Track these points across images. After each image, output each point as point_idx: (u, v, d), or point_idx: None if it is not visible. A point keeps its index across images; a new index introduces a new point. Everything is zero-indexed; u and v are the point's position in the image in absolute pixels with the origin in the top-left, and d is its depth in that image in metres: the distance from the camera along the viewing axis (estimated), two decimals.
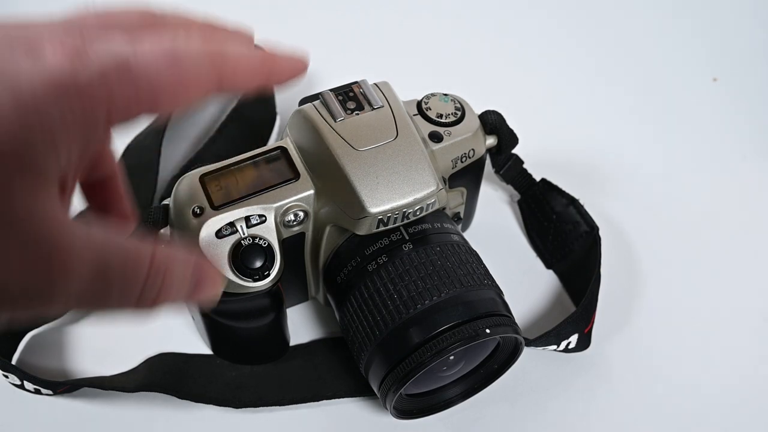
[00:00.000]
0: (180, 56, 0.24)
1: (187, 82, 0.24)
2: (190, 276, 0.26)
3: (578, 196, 0.51)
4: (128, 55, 0.23)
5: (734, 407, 0.45)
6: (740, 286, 0.51)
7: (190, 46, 0.25)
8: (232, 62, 0.26)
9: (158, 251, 0.24)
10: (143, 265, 0.24)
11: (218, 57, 0.26)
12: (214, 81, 0.25)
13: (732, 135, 0.60)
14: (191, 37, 0.25)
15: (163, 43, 0.24)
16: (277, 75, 0.29)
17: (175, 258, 0.25)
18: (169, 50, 0.24)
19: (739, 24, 0.70)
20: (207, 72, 0.25)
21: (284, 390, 0.44)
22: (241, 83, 0.27)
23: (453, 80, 0.53)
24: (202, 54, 0.25)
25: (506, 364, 0.42)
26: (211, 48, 0.25)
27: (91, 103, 0.22)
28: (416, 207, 0.39)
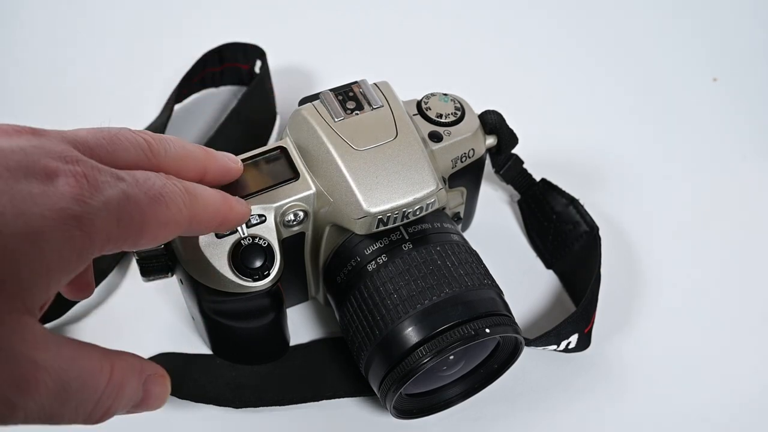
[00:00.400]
0: (167, 198, 0.27)
1: (166, 221, 0.27)
2: (141, 389, 0.28)
3: (578, 196, 0.51)
4: (130, 192, 0.25)
5: (734, 407, 0.45)
6: (740, 285, 0.51)
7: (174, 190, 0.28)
8: (202, 201, 0.30)
9: (116, 367, 0.26)
10: (101, 381, 0.25)
11: (193, 195, 0.29)
12: (187, 221, 0.29)
13: (732, 135, 0.60)
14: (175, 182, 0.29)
15: (156, 184, 0.27)
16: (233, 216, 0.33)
17: (131, 374, 0.27)
18: (158, 191, 0.27)
19: (739, 24, 0.70)
20: (184, 212, 0.28)
21: (284, 390, 0.44)
22: (203, 228, 0.32)
23: (453, 80, 0.53)
24: (182, 198, 0.28)
25: (506, 363, 0.42)
26: (188, 191, 0.29)
27: (92, 235, 0.24)
28: (416, 207, 0.39)
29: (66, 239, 0.23)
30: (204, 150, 0.34)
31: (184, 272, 0.39)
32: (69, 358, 0.24)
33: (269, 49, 0.59)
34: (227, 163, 0.35)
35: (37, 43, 0.65)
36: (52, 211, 0.22)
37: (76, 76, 0.63)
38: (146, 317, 0.47)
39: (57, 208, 0.22)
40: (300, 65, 0.64)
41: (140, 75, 0.63)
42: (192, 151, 0.33)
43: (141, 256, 0.39)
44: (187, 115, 0.59)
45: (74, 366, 0.24)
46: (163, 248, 0.39)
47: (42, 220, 0.22)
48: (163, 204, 0.27)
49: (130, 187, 0.25)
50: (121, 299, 0.49)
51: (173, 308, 0.48)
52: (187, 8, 0.69)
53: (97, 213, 0.24)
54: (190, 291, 0.40)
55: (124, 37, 0.66)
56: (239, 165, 0.36)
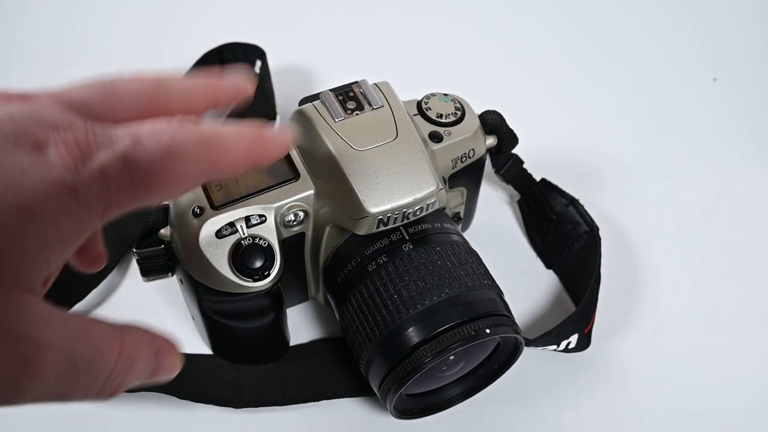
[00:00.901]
0: (176, 153, 0.25)
1: (181, 176, 0.25)
2: (152, 361, 0.27)
3: (578, 196, 0.51)
4: (129, 153, 0.23)
5: (734, 407, 0.45)
6: (741, 285, 0.51)
7: (186, 139, 0.25)
8: (225, 148, 0.27)
9: (126, 342, 0.25)
10: (111, 357, 0.24)
11: (212, 148, 0.26)
12: (207, 171, 0.26)
13: (732, 134, 0.60)
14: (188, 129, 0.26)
15: (162, 138, 0.25)
16: (266, 155, 0.30)
17: (141, 347, 0.26)
18: (166, 147, 0.24)
19: (739, 24, 0.70)
20: (201, 164, 0.26)
21: (284, 390, 0.44)
22: (232, 167, 0.28)
23: (453, 80, 0.53)
24: (198, 147, 0.26)
25: (506, 364, 0.42)
26: (206, 139, 0.26)
27: (89, 204, 0.23)
28: (416, 207, 0.39)
29: (62, 211, 0.22)
30: (209, 84, 0.31)
31: (184, 272, 0.39)
32: (76, 335, 0.23)
33: (269, 49, 0.59)
34: (236, 83, 0.32)
35: (37, 43, 0.65)
36: (44, 183, 0.21)
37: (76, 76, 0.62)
38: (146, 317, 0.47)
39: (50, 179, 0.21)
40: (300, 65, 0.64)
41: None
42: (197, 88, 0.30)
43: (141, 256, 0.39)
44: None
45: (82, 343, 0.23)
46: (163, 248, 0.39)
47: (34, 193, 0.21)
48: (171, 159, 0.25)
49: (130, 146, 0.24)
50: (121, 299, 0.49)
51: (173, 308, 0.48)
52: (187, 8, 0.69)
53: (93, 180, 0.22)
54: (190, 291, 0.40)
55: (124, 37, 0.66)
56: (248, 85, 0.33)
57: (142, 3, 0.69)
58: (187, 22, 0.68)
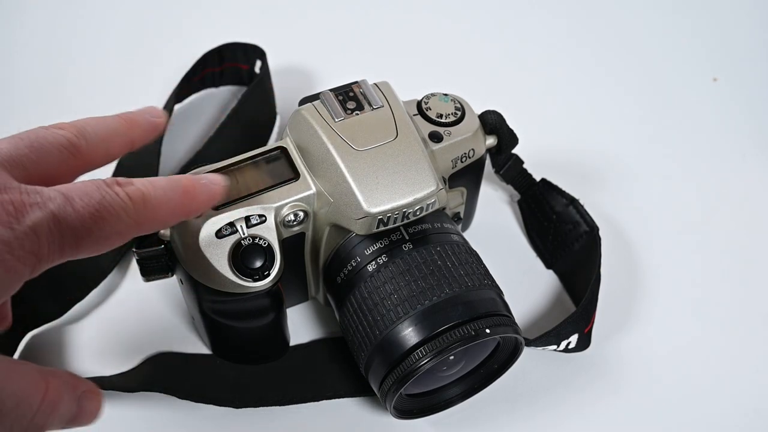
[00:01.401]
0: (104, 213, 0.27)
1: (108, 234, 0.27)
2: (75, 405, 0.28)
3: (578, 196, 0.51)
4: (60, 212, 0.25)
5: (734, 407, 0.45)
6: (741, 285, 0.51)
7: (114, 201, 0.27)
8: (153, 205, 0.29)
9: (50, 386, 0.26)
10: (36, 399, 0.25)
11: (140, 203, 0.28)
12: (134, 226, 0.28)
13: (732, 134, 0.60)
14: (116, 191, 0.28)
15: (92, 199, 0.26)
16: (195, 209, 0.32)
17: (65, 389, 0.27)
18: (95, 207, 0.26)
19: (739, 24, 0.70)
20: (128, 219, 0.28)
21: (284, 390, 0.44)
22: (160, 223, 0.30)
23: (453, 80, 0.53)
24: (125, 208, 0.27)
25: (506, 364, 0.42)
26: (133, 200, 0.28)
27: (22, 258, 0.24)
28: (416, 207, 0.39)
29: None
30: (124, 120, 0.33)
31: (184, 272, 0.39)
32: (3, 379, 0.24)
33: (269, 49, 0.59)
34: (150, 121, 0.34)
35: (37, 43, 0.65)
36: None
37: (76, 76, 0.63)
38: (146, 317, 0.47)
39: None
40: (300, 65, 0.64)
41: (140, 75, 0.63)
42: (113, 128, 0.32)
43: (141, 256, 0.39)
44: (187, 115, 0.59)
45: (8, 385, 0.25)
46: (163, 248, 0.39)
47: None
48: (99, 219, 0.26)
49: (61, 206, 0.25)
50: (121, 299, 0.49)
51: (173, 308, 0.48)
52: (187, 8, 0.69)
53: (26, 237, 0.24)
54: (190, 291, 0.40)
55: (124, 37, 0.66)
56: (162, 117, 0.35)
57: (142, 3, 0.69)
58: (187, 22, 0.68)
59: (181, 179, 0.31)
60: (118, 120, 0.33)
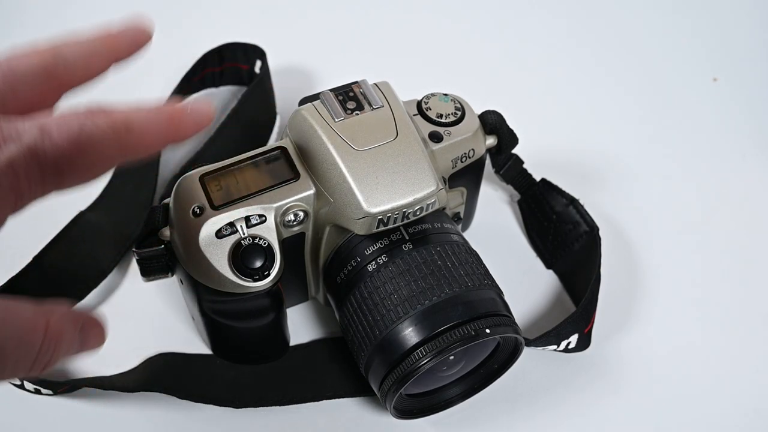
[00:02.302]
0: (85, 141, 0.26)
1: (91, 161, 0.26)
2: (78, 336, 0.28)
3: (578, 196, 0.51)
4: (37, 145, 0.24)
5: (734, 407, 0.45)
6: (741, 285, 0.51)
7: (95, 127, 0.26)
8: (137, 132, 0.28)
9: (52, 321, 0.26)
10: (38, 337, 0.25)
11: (123, 130, 0.27)
12: (119, 154, 0.27)
13: (732, 134, 0.60)
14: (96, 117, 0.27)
15: (70, 128, 0.25)
16: (183, 131, 0.30)
17: (67, 323, 0.27)
18: (75, 136, 0.25)
19: (739, 24, 0.70)
20: (112, 147, 0.27)
21: (284, 390, 0.44)
22: (146, 149, 0.29)
23: (453, 80, 0.53)
24: (107, 134, 0.26)
25: (506, 364, 0.42)
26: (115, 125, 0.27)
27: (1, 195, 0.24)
28: (416, 207, 0.39)
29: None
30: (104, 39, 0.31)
31: (184, 272, 0.39)
32: (1, 320, 0.24)
33: (269, 49, 0.59)
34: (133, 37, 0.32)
35: None
36: None
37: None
38: (146, 317, 0.47)
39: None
40: (300, 65, 0.64)
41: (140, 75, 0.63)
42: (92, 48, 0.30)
43: (141, 256, 0.39)
44: None
45: (8, 326, 0.24)
46: (163, 248, 0.39)
47: None
48: (80, 148, 0.25)
49: (38, 138, 0.25)
50: (121, 299, 0.49)
51: (173, 308, 0.48)
52: (187, 8, 0.69)
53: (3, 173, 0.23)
54: (190, 291, 0.40)
55: None
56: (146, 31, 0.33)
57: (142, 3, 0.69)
58: (187, 22, 0.68)
59: (166, 105, 0.30)
60: (99, 39, 0.31)
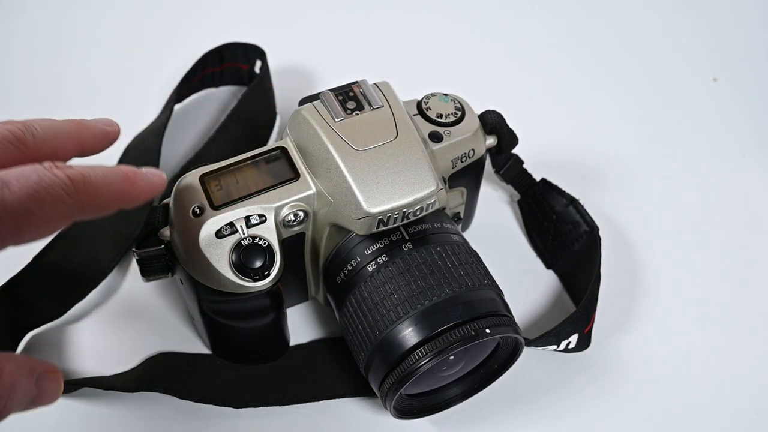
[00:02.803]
0: (43, 195, 0.26)
1: (48, 216, 0.26)
2: (33, 387, 0.28)
3: (578, 196, 0.51)
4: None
5: (734, 407, 0.45)
6: (741, 285, 0.51)
7: (53, 182, 0.27)
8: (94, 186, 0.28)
9: (5, 371, 0.26)
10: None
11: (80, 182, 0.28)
12: (76, 208, 0.28)
13: (732, 134, 0.60)
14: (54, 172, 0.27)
15: (29, 181, 0.26)
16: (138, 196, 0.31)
17: (21, 374, 0.27)
18: (33, 189, 0.26)
19: (739, 24, 0.70)
20: (68, 204, 0.27)
21: (284, 390, 0.44)
22: (102, 206, 0.29)
23: (453, 80, 0.53)
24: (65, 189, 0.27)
25: (506, 364, 0.42)
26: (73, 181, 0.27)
27: None
28: (416, 207, 0.39)
29: None
30: (75, 123, 0.32)
31: (184, 272, 0.39)
32: None
33: (269, 49, 0.59)
34: (102, 128, 0.34)
35: (36, 43, 0.65)
36: None
37: (76, 76, 0.63)
38: (146, 317, 0.47)
39: None
40: (300, 65, 0.64)
41: (140, 75, 0.63)
42: (62, 128, 0.31)
43: (141, 257, 0.39)
44: (187, 115, 0.59)
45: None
46: (163, 248, 0.39)
47: None
48: (38, 201, 0.26)
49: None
50: (121, 299, 0.49)
51: (173, 308, 0.48)
52: (187, 8, 0.69)
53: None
54: (190, 291, 0.40)
55: (124, 37, 0.66)
56: (115, 127, 0.35)
57: (142, 3, 0.69)
58: (187, 22, 0.68)
59: (121, 166, 0.31)
60: (70, 122, 0.32)
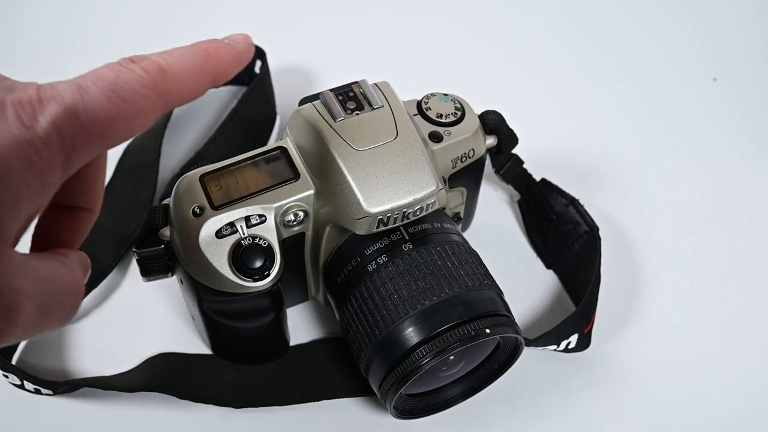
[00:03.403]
0: (122, 93, 0.26)
1: (132, 113, 0.26)
2: None
3: (578, 196, 0.51)
4: (76, 102, 0.24)
5: (734, 407, 0.45)
6: (741, 285, 0.51)
7: (130, 77, 0.26)
8: (174, 74, 0.28)
9: (79, 277, 0.27)
10: (72, 295, 0.26)
11: (159, 81, 0.27)
12: (160, 104, 0.27)
13: (732, 134, 0.60)
14: (131, 68, 0.27)
15: (106, 81, 0.25)
16: (223, 69, 0.30)
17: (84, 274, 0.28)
18: (111, 89, 0.25)
19: (739, 24, 0.70)
20: (150, 98, 0.26)
21: (284, 390, 0.44)
22: (186, 93, 0.29)
23: (453, 80, 0.53)
24: (143, 83, 0.26)
25: (506, 364, 0.42)
26: (150, 73, 0.27)
27: (49, 156, 0.24)
28: (416, 207, 0.39)
29: (27, 166, 0.23)
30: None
31: (184, 272, 0.39)
32: (47, 279, 0.25)
33: (269, 49, 0.59)
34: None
35: (36, 43, 0.65)
36: (5, 141, 0.22)
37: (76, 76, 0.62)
38: (146, 317, 0.47)
39: (10, 137, 0.23)
40: (300, 65, 0.64)
41: None
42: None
43: (141, 256, 0.39)
44: (187, 115, 0.59)
45: (52, 285, 0.25)
46: (163, 248, 0.39)
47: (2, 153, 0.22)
48: (119, 99, 0.25)
49: (76, 95, 0.25)
50: (121, 299, 0.49)
51: (173, 308, 0.48)
52: (187, 8, 0.69)
53: (48, 134, 0.23)
54: (190, 291, 0.40)
55: (124, 38, 0.66)
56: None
57: (142, 3, 0.69)
58: (187, 22, 0.68)
59: (201, 43, 0.29)
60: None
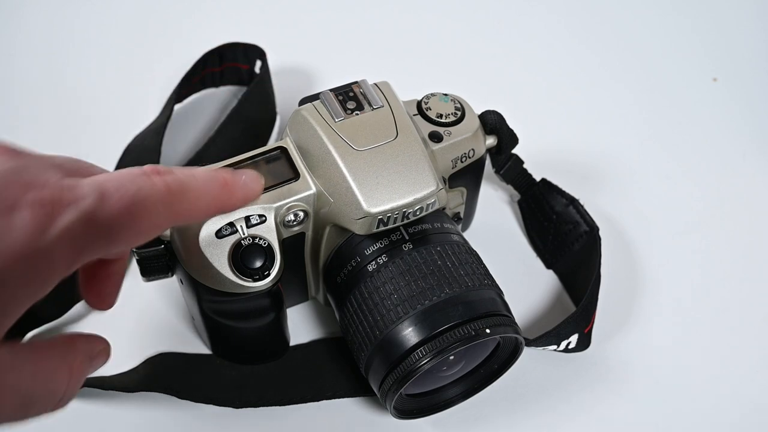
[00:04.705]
0: (140, 207, 0.26)
1: (145, 227, 0.26)
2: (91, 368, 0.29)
3: (578, 196, 0.51)
4: (94, 210, 0.24)
5: (734, 407, 0.45)
6: (741, 285, 0.51)
7: (151, 193, 0.26)
8: (191, 201, 0.28)
9: (74, 368, 0.27)
10: (63, 384, 0.26)
11: (177, 200, 0.27)
12: (172, 220, 0.27)
13: (732, 134, 0.60)
14: (153, 182, 0.27)
15: (127, 193, 0.25)
16: (234, 203, 0.31)
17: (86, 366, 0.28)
18: (130, 201, 0.25)
19: (739, 24, 0.70)
20: (165, 215, 0.27)
21: (284, 390, 0.44)
22: (198, 217, 0.30)
23: (453, 80, 0.53)
24: (163, 200, 0.27)
25: (506, 364, 0.42)
26: (171, 191, 0.27)
27: (56, 262, 0.24)
28: (416, 207, 0.39)
29: (30, 270, 0.23)
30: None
31: (184, 272, 0.39)
32: (33, 374, 0.25)
33: (269, 49, 0.59)
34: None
35: (37, 43, 0.65)
36: (12, 249, 0.22)
37: (76, 76, 0.63)
38: (146, 317, 0.47)
39: (17, 244, 0.23)
40: (300, 65, 0.64)
41: (140, 75, 0.63)
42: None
43: (141, 256, 0.39)
44: (187, 115, 0.59)
45: (39, 380, 0.25)
46: (163, 248, 0.39)
47: (3, 259, 0.22)
48: (136, 213, 0.26)
49: (96, 203, 0.25)
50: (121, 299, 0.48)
51: (173, 308, 0.48)
52: (187, 8, 0.69)
53: (59, 240, 0.23)
54: (190, 291, 0.40)
55: (125, 38, 0.66)
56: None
57: (142, 3, 0.69)
58: (187, 22, 0.68)
59: (221, 172, 0.30)
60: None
